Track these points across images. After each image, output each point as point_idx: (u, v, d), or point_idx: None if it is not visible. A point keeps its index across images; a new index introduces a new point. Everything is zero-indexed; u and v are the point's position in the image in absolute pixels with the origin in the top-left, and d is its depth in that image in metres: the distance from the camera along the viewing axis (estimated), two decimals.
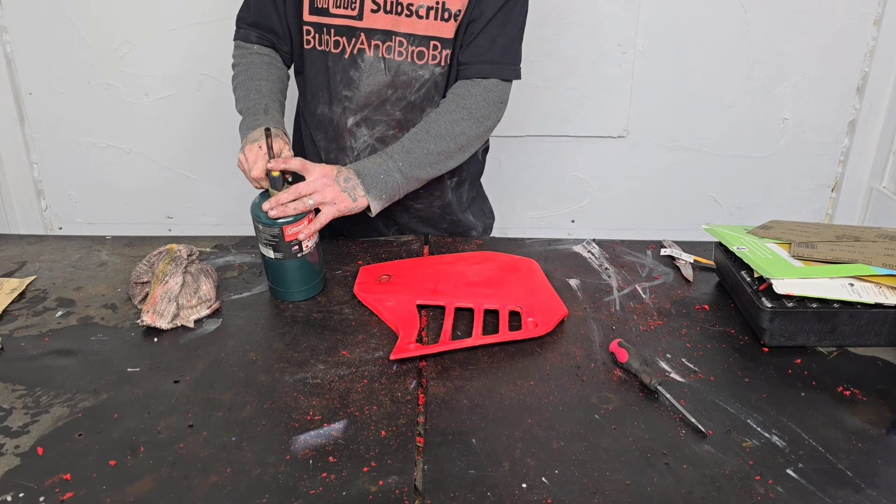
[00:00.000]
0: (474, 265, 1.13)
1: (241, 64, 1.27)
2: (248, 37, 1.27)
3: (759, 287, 0.98)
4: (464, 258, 1.16)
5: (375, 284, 1.08)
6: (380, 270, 1.12)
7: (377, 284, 1.08)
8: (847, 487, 0.72)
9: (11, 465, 0.74)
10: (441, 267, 1.13)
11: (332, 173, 1.10)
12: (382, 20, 1.17)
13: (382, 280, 1.09)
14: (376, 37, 1.18)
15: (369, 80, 1.20)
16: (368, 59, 1.19)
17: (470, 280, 1.08)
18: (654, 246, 1.24)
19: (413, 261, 1.16)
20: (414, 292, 1.05)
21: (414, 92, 1.22)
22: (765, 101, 2.11)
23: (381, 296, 1.05)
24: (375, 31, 1.18)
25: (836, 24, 2.02)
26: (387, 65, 1.19)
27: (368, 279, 1.10)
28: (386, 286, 1.07)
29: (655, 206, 2.24)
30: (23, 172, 2.19)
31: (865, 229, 1.08)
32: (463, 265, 1.13)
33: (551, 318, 0.99)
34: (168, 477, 0.73)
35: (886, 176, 2.15)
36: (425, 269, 1.12)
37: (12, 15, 2.00)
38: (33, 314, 1.02)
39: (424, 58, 1.19)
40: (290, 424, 0.80)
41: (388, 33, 1.18)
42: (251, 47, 1.26)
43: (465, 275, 1.10)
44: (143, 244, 1.23)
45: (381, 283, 1.08)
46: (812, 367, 0.92)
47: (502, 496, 0.71)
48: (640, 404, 0.84)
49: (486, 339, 0.95)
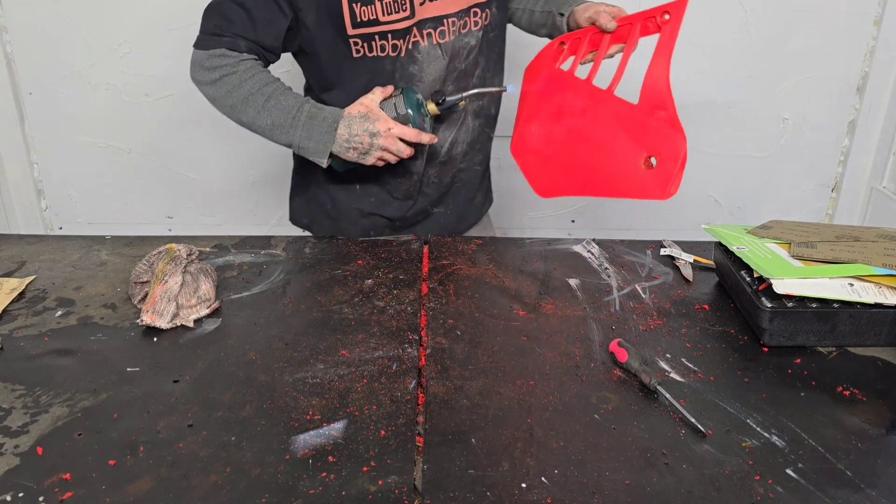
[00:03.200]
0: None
1: (238, 73, 1.14)
2: (237, 45, 1.15)
3: (759, 287, 0.98)
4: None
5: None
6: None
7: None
8: (847, 487, 0.72)
9: (11, 464, 0.74)
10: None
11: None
12: (433, 8, 1.17)
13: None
14: (427, 26, 1.18)
15: (430, 69, 1.21)
16: (425, 50, 1.19)
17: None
18: (654, 246, 1.24)
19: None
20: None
21: (463, 60, 1.24)
22: (765, 101, 2.11)
23: None
24: (426, 21, 1.18)
25: (836, 24, 2.02)
26: (443, 49, 1.20)
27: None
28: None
29: (655, 206, 2.24)
30: (23, 172, 2.19)
31: (865, 229, 1.08)
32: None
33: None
34: (167, 477, 0.73)
35: (886, 176, 2.15)
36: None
37: (12, 15, 2.00)
38: (33, 314, 1.02)
39: (468, 26, 1.22)
40: (290, 424, 0.80)
41: (438, 19, 1.18)
42: (242, 55, 1.16)
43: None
44: (143, 244, 1.23)
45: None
46: (812, 367, 0.92)
47: (502, 496, 0.71)
48: (640, 404, 0.84)
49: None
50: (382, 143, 1.13)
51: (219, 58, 1.15)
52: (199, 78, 1.18)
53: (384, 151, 1.15)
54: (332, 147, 1.14)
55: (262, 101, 1.14)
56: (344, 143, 1.13)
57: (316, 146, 1.14)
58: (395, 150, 1.15)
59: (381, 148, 1.14)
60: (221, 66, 1.15)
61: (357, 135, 1.13)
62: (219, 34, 1.15)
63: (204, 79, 1.17)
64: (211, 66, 1.15)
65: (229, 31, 1.15)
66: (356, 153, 1.15)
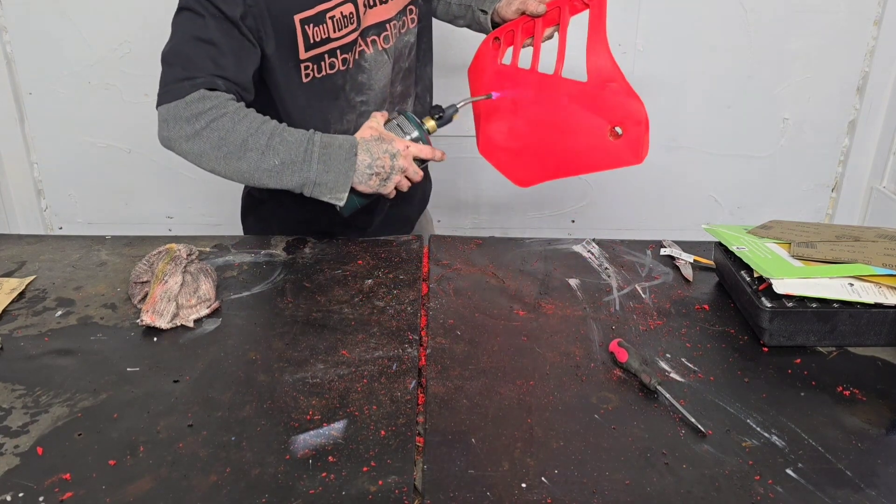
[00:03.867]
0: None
1: (229, 115, 1.02)
2: (215, 84, 1.02)
3: (759, 287, 0.98)
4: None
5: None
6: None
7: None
8: (847, 487, 0.72)
9: (11, 464, 0.74)
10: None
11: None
12: (374, 15, 1.16)
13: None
14: (371, 33, 1.17)
15: (378, 76, 1.20)
16: (371, 57, 1.18)
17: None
18: (654, 246, 1.24)
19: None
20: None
21: (406, 59, 1.25)
22: (765, 101, 2.12)
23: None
24: (369, 29, 1.16)
25: (836, 24, 2.02)
26: (388, 53, 1.20)
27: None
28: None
29: (655, 206, 2.24)
30: (23, 172, 2.19)
31: (865, 229, 1.08)
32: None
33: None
34: (167, 477, 0.73)
35: (886, 176, 2.15)
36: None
37: (12, 15, 2.00)
38: (33, 314, 1.02)
39: (406, 25, 1.22)
40: (290, 424, 0.80)
41: (380, 25, 1.17)
42: (224, 95, 1.03)
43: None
44: (143, 244, 1.23)
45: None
46: (812, 367, 0.92)
47: (502, 496, 0.71)
48: (640, 404, 0.84)
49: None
50: (402, 163, 1.08)
51: (199, 102, 1.00)
52: (177, 134, 1.02)
53: (402, 175, 1.10)
54: (353, 176, 1.06)
55: (265, 140, 1.02)
56: (366, 170, 1.06)
57: (336, 178, 1.05)
58: (412, 171, 1.10)
59: (401, 170, 1.09)
60: (206, 110, 1.00)
61: (379, 157, 1.06)
62: (190, 77, 1.01)
63: (185, 133, 1.01)
64: (192, 115, 1.00)
65: (201, 72, 1.02)
66: (378, 179, 1.07)
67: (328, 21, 1.08)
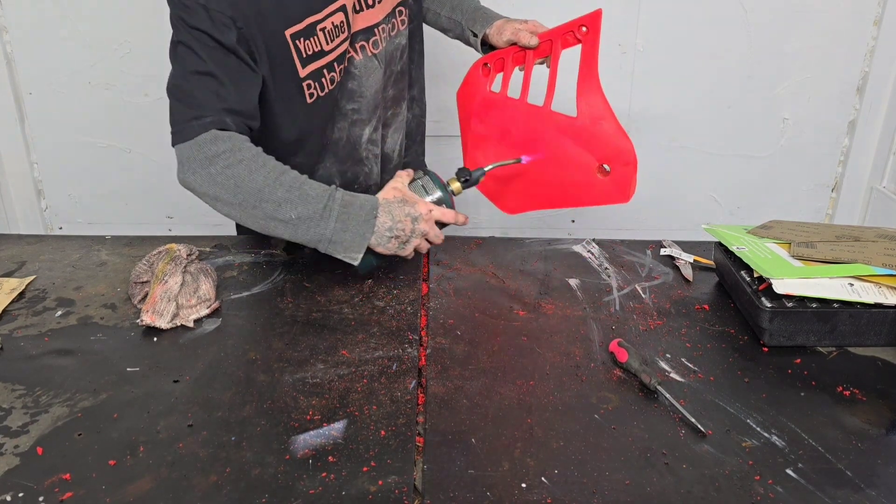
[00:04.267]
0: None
1: (245, 162, 0.99)
2: (223, 123, 1.00)
3: (759, 287, 0.98)
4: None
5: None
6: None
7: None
8: (847, 487, 0.72)
9: (11, 464, 0.74)
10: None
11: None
12: (361, 20, 1.14)
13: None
14: (359, 38, 1.14)
15: (368, 82, 1.18)
16: (361, 63, 1.15)
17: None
18: (654, 246, 1.24)
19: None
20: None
21: (398, 62, 1.23)
22: (765, 101, 2.11)
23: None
24: (357, 34, 1.14)
25: (836, 24, 2.02)
26: (378, 59, 1.18)
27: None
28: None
29: (655, 206, 2.24)
30: (23, 172, 2.19)
31: (865, 229, 1.08)
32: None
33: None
34: (167, 477, 0.73)
35: (886, 176, 2.15)
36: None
37: (12, 15, 2.00)
38: (33, 314, 1.02)
39: (396, 28, 1.21)
40: (290, 424, 0.80)
41: (369, 30, 1.15)
42: (238, 136, 1.01)
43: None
44: (143, 244, 1.23)
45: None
46: (812, 367, 0.92)
47: (502, 496, 0.71)
48: (640, 404, 0.84)
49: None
50: (423, 227, 1.05)
51: (212, 144, 0.99)
52: (193, 177, 1.00)
53: (422, 238, 1.07)
54: (371, 238, 1.03)
55: (284, 192, 0.99)
56: (386, 233, 1.03)
57: (353, 238, 1.02)
58: (432, 235, 1.07)
59: (422, 234, 1.06)
60: (220, 153, 0.99)
61: (400, 220, 1.03)
62: (197, 117, 0.99)
63: (200, 176, 1.00)
64: (206, 158, 0.99)
65: (207, 109, 1.00)
66: (397, 243, 1.04)
67: (319, 34, 1.06)
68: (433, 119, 1.42)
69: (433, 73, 1.35)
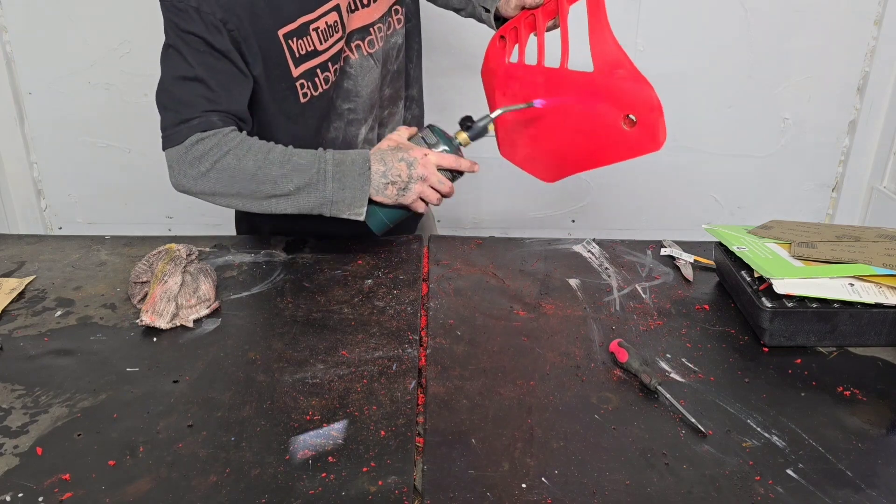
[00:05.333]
0: None
1: (232, 151, 1.01)
2: (210, 123, 1.02)
3: (759, 287, 0.98)
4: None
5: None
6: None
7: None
8: (847, 487, 0.72)
9: (10, 465, 0.74)
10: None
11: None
12: (357, 19, 1.13)
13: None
14: (355, 38, 1.14)
15: (364, 81, 1.17)
16: (356, 63, 1.15)
17: None
18: (654, 246, 1.24)
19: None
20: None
21: (394, 61, 1.23)
22: (765, 101, 2.12)
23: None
24: (353, 34, 1.14)
25: (836, 24, 2.02)
26: (374, 58, 1.18)
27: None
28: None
29: (655, 206, 2.24)
30: (23, 172, 2.19)
31: (865, 229, 1.08)
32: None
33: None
34: (167, 477, 0.73)
35: (887, 176, 2.15)
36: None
37: (12, 15, 2.00)
38: (32, 314, 1.02)
39: (392, 26, 1.20)
40: (290, 424, 0.80)
41: (364, 29, 1.15)
42: (222, 131, 1.02)
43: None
44: (143, 244, 1.23)
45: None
46: (812, 367, 0.92)
47: (502, 496, 0.71)
48: (640, 404, 0.84)
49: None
50: (421, 171, 1.05)
51: (198, 145, 1.01)
52: (187, 177, 1.03)
53: (423, 183, 1.06)
54: (368, 188, 1.04)
55: (277, 169, 1.02)
56: (381, 179, 1.04)
57: (353, 194, 1.04)
58: (435, 180, 1.07)
59: (420, 178, 1.06)
60: (207, 152, 1.01)
61: (392, 166, 1.04)
62: (185, 120, 1.01)
63: (193, 174, 1.02)
64: (194, 159, 1.01)
65: (194, 112, 1.01)
66: (395, 189, 1.05)
67: (312, 33, 1.06)
68: (433, 119, 1.41)
69: (432, 72, 1.35)
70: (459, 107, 1.34)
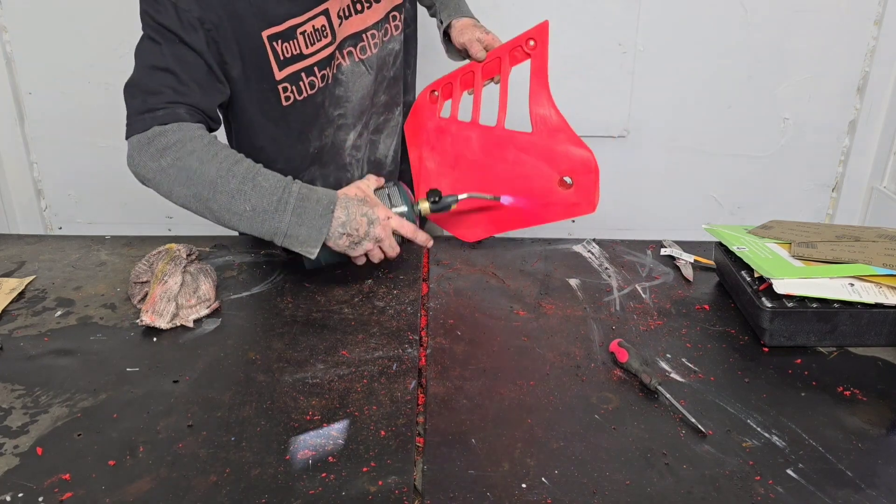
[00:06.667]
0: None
1: (197, 153, 0.98)
2: (176, 115, 0.99)
3: (759, 287, 0.98)
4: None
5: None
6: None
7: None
8: (847, 487, 0.72)
9: (10, 465, 0.74)
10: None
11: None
12: (350, 25, 1.13)
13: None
14: (347, 44, 1.14)
15: (356, 87, 1.17)
16: (348, 69, 1.15)
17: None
18: (654, 246, 1.24)
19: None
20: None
21: (391, 67, 1.22)
22: (765, 101, 2.11)
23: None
24: (346, 40, 1.13)
25: (836, 24, 2.02)
26: (366, 64, 1.17)
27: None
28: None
29: (655, 206, 2.24)
30: (23, 172, 2.19)
31: (866, 229, 1.08)
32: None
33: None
34: (167, 477, 0.73)
35: (887, 176, 2.15)
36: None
37: (12, 15, 2.00)
38: (32, 314, 1.02)
39: (389, 33, 1.19)
40: (290, 424, 0.80)
41: (357, 35, 1.14)
42: (189, 126, 1.00)
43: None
44: (143, 244, 1.23)
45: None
46: (812, 367, 0.92)
47: (502, 496, 0.71)
48: (640, 404, 0.84)
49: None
50: (378, 232, 1.03)
51: (161, 136, 0.98)
52: (147, 168, 0.99)
53: (376, 244, 1.04)
54: (327, 232, 1.00)
55: (237, 183, 0.98)
56: (339, 228, 1.00)
57: (308, 233, 0.99)
58: (387, 244, 1.05)
59: (375, 239, 1.03)
60: (170, 145, 0.97)
61: (354, 219, 1.01)
62: (150, 109, 0.98)
63: (153, 167, 0.99)
64: (157, 150, 0.98)
65: (160, 102, 0.98)
66: (348, 241, 1.02)
67: (299, 36, 1.05)
68: None
69: (429, 73, 1.35)
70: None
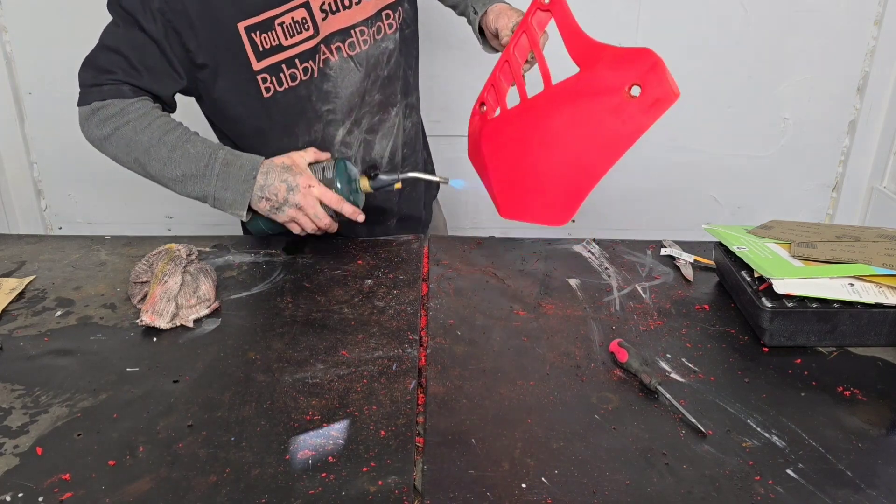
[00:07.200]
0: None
1: (132, 123, 1.07)
2: (121, 92, 1.07)
3: (759, 287, 0.98)
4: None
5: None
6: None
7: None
8: (847, 487, 0.72)
9: (10, 465, 0.74)
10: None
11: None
12: (337, 21, 1.13)
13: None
14: (335, 40, 1.14)
15: (344, 83, 1.17)
16: (336, 65, 1.15)
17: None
18: (654, 246, 1.24)
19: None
20: None
21: (384, 67, 1.22)
22: (765, 101, 2.12)
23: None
24: (333, 35, 1.13)
25: (836, 24, 2.02)
26: (355, 61, 1.17)
27: None
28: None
29: (655, 206, 2.24)
30: (22, 172, 2.19)
31: (865, 229, 1.08)
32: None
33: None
34: (167, 477, 0.73)
35: (887, 176, 2.15)
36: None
37: (12, 15, 2.00)
38: (32, 314, 1.02)
39: (382, 31, 1.19)
40: (290, 424, 0.80)
41: (345, 31, 1.14)
42: (127, 101, 1.07)
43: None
44: (143, 244, 1.23)
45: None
46: (812, 367, 0.92)
47: (502, 496, 0.71)
48: (640, 404, 0.84)
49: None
50: (299, 199, 1.06)
51: (103, 109, 1.07)
52: (92, 135, 1.10)
53: (299, 211, 1.08)
54: (250, 196, 1.07)
55: (167, 151, 1.06)
56: (258, 192, 1.07)
57: (233, 196, 1.07)
58: (311, 212, 1.08)
59: (297, 205, 1.07)
60: (111, 117, 1.07)
61: (272, 184, 1.06)
62: (98, 84, 1.07)
63: (97, 136, 1.09)
64: (100, 121, 1.07)
65: (108, 79, 1.07)
66: (268, 205, 1.07)
67: (277, 28, 1.06)
68: (433, 119, 1.41)
69: (430, 72, 1.35)
70: (460, 106, 1.33)
